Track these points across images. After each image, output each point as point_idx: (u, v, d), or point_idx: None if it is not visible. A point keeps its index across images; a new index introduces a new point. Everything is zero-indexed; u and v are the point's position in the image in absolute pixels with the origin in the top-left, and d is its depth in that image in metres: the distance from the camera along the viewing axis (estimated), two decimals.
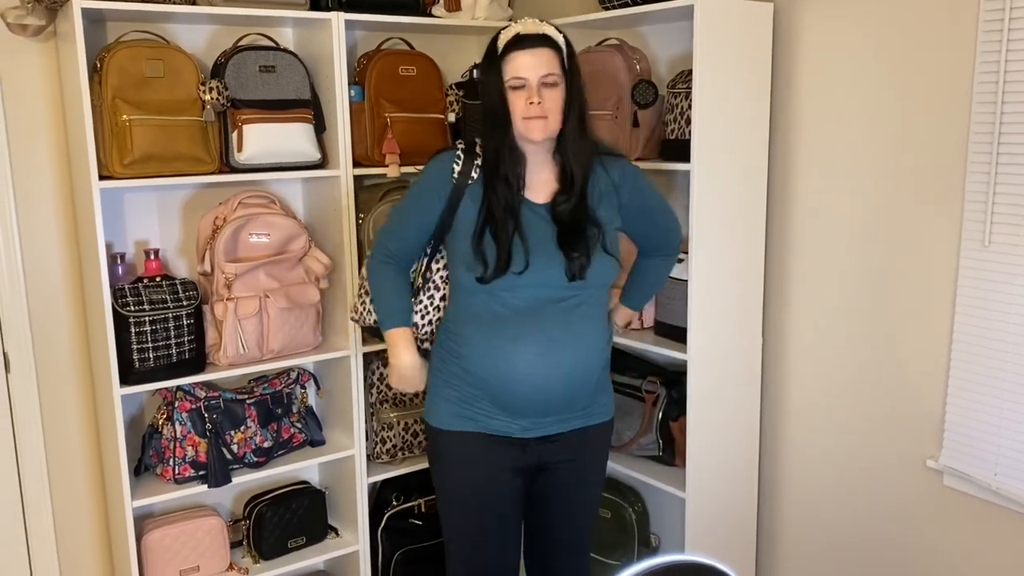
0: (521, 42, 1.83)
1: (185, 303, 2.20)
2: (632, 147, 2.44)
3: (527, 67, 1.82)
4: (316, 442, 2.53)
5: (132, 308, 2.13)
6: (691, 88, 2.25)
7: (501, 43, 1.85)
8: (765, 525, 2.57)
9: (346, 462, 2.52)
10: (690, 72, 2.28)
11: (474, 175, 1.89)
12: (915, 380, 2.15)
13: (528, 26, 1.85)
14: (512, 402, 1.89)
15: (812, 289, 2.36)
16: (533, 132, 1.84)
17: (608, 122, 2.44)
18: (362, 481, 2.52)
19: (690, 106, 2.26)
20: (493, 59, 1.85)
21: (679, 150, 2.31)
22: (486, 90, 1.87)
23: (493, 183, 1.87)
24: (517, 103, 1.83)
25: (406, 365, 2.01)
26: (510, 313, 1.86)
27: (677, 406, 2.48)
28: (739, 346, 2.40)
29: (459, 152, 1.91)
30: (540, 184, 1.92)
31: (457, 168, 1.90)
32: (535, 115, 1.83)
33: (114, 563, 2.49)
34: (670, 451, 2.52)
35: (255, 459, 2.38)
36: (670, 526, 2.73)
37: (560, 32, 1.88)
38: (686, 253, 2.33)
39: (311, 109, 2.34)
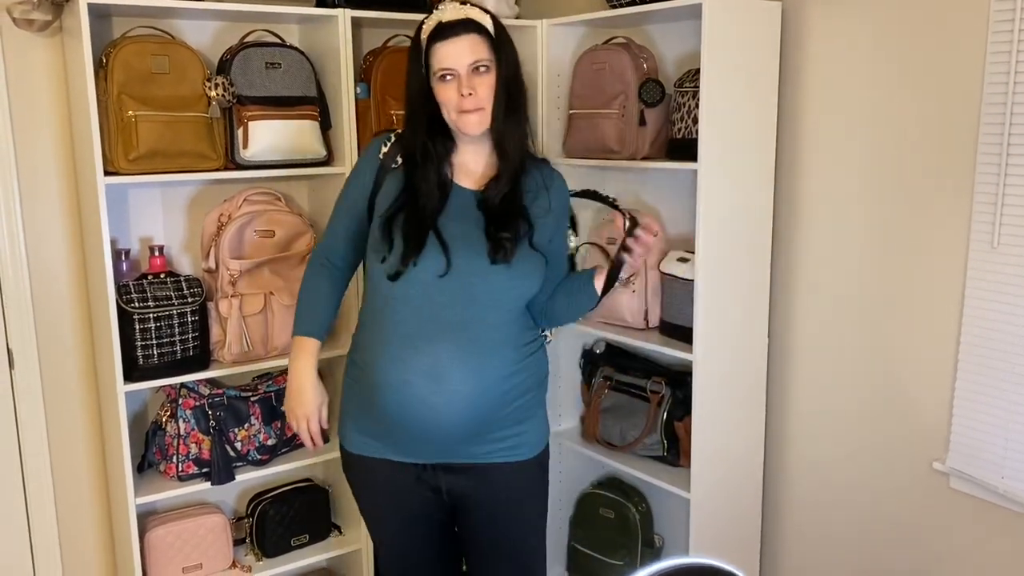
0: (444, 31, 1.71)
1: (189, 300, 2.19)
2: (639, 146, 2.43)
3: (453, 57, 1.70)
4: None
5: (136, 305, 2.12)
6: (699, 87, 2.24)
7: (424, 34, 1.74)
8: (769, 526, 2.56)
9: None
10: (698, 71, 2.27)
11: (399, 159, 1.79)
12: (922, 381, 2.14)
13: (449, 12, 1.73)
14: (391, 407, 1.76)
15: (818, 289, 2.35)
16: (470, 127, 1.73)
17: (614, 121, 2.43)
18: None
19: (697, 105, 2.25)
20: (418, 51, 1.75)
21: (686, 149, 2.30)
22: (411, 82, 1.77)
23: (418, 169, 1.76)
24: (449, 95, 1.71)
25: (294, 382, 1.81)
26: (413, 318, 1.71)
27: (682, 406, 2.47)
28: (745, 346, 2.39)
29: (391, 134, 1.84)
30: (469, 168, 1.82)
31: (385, 148, 1.81)
32: (470, 108, 1.71)
33: (117, 560, 2.49)
34: (675, 451, 2.51)
35: (258, 456, 2.37)
36: (674, 527, 2.72)
37: (487, 13, 1.77)
38: (692, 253, 2.32)
39: (317, 106, 2.33)
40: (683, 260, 2.41)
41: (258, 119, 2.23)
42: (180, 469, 2.27)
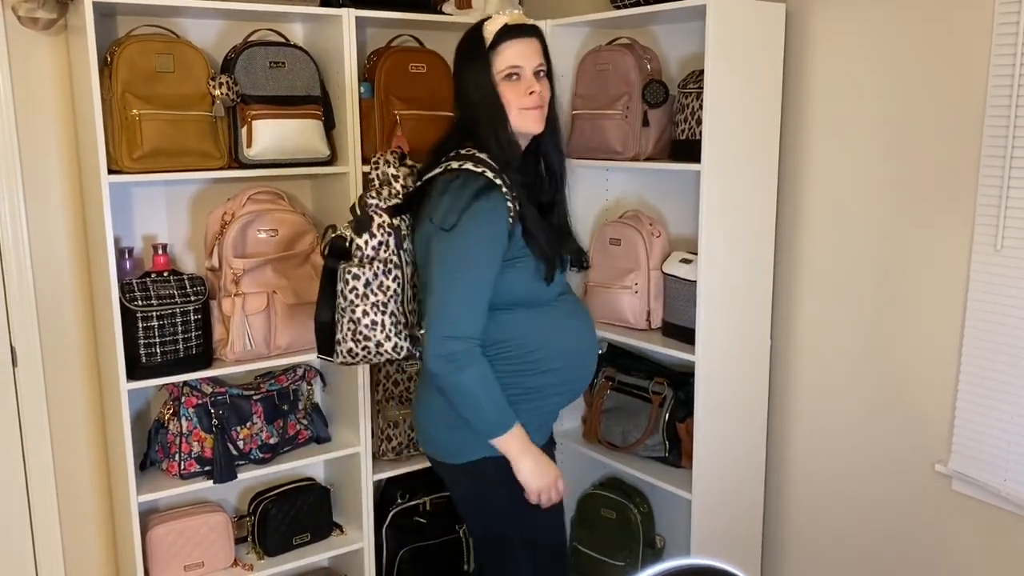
0: (512, 32, 1.77)
1: (192, 298, 2.19)
2: (642, 147, 2.44)
3: (522, 56, 1.77)
4: (322, 439, 2.52)
5: (139, 303, 2.12)
6: (702, 88, 2.24)
7: (489, 34, 1.77)
8: (771, 527, 2.56)
9: (351, 459, 2.52)
10: (702, 72, 2.27)
11: (510, 201, 1.75)
12: (925, 383, 2.14)
13: (515, 16, 1.80)
14: (587, 373, 1.94)
15: (821, 291, 2.35)
16: (532, 123, 1.80)
17: (618, 121, 2.43)
18: (367, 478, 2.51)
19: (701, 106, 2.25)
20: (480, 51, 1.78)
21: (689, 150, 2.31)
22: (477, 84, 1.78)
23: (516, 181, 1.78)
24: (511, 94, 1.77)
25: (541, 459, 1.82)
26: (559, 301, 1.88)
27: (684, 407, 2.47)
28: (747, 348, 2.39)
29: (499, 185, 1.73)
30: None
31: (510, 204, 1.74)
32: (534, 105, 1.78)
33: (119, 558, 2.49)
34: (676, 452, 2.51)
35: (261, 455, 2.37)
36: (676, 527, 2.72)
37: None
38: (694, 254, 2.32)
39: (321, 105, 2.33)
40: (685, 261, 2.41)
41: (262, 118, 2.23)
42: (182, 467, 2.27)
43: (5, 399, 2.31)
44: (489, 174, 1.73)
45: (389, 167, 1.92)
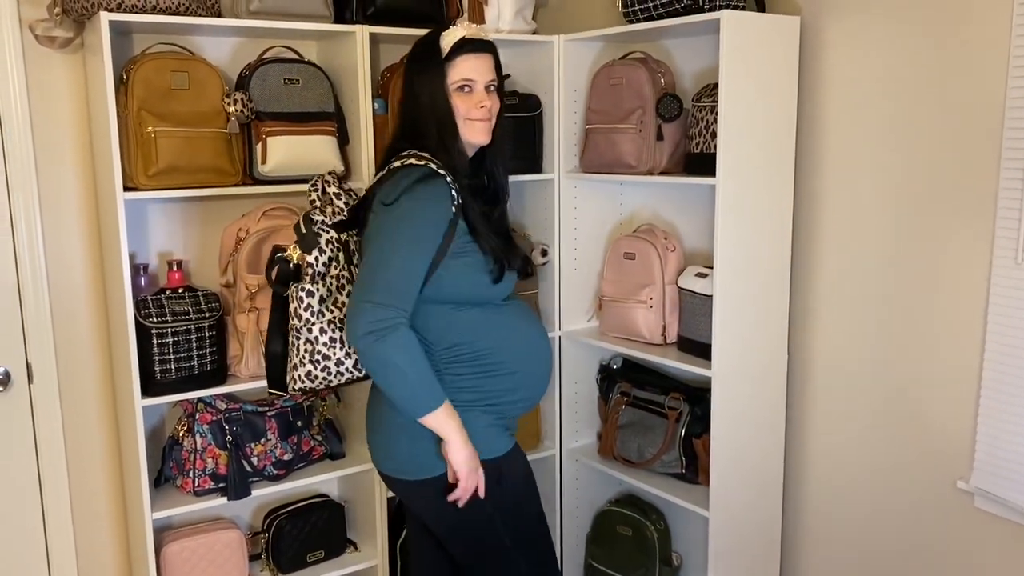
0: (468, 45, 1.83)
1: (207, 315, 2.20)
2: (656, 161, 2.43)
3: (476, 70, 1.83)
4: (336, 455, 2.51)
5: (154, 319, 2.13)
6: (717, 102, 2.23)
7: (446, 45, 1.82)
8: (790, 545, 2.53)
9: (366, 475, 2.51)
10: (716, 86, 2.26)
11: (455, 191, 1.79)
12: (945, 398, 2.11)
13: (472, 30, 1.88)
14: (542, 379, 1.95)
15: (839, 305, 2.33)
16: (480, 134, 1.86)
17: (632, 135, 2.43)
18: (381, 495, 2.50)
19: (715, 120, 2.24)
20: (436, 60, 1.82)
21: (704, 164, 2.29)
22: (431, 92, 1.82)
23: (464, 184, 1.83)
24: (462, 105, 1.83)
25: (469, 443, 1.79)
26: (509, 303, 1.93)
27: (700, 423, 2.45)
28: (764, 363, 2.37)
29: (442, 174, 1.77)
30: None
31: (454, 193, 1.77)
32: (482, 117, 1.84)
33: (133, 574, 2.49)
34: (693, 468, 2.49)
35: (275, 472, 2.37)
36: (693, 544, 2.69)
37: None
38: (710, 268, 2.31)
39: (335, 122, 2.34)
40: (701, 275, 2.39)
41: (276, 135, 2.24)
42: (196, 484, 2.27)
43: (21, 415, 2.32)
44: (432, 165, 1.79)
45: (330, 186, 1.95)
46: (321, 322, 1.85)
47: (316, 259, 1.86)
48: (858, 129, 2.23)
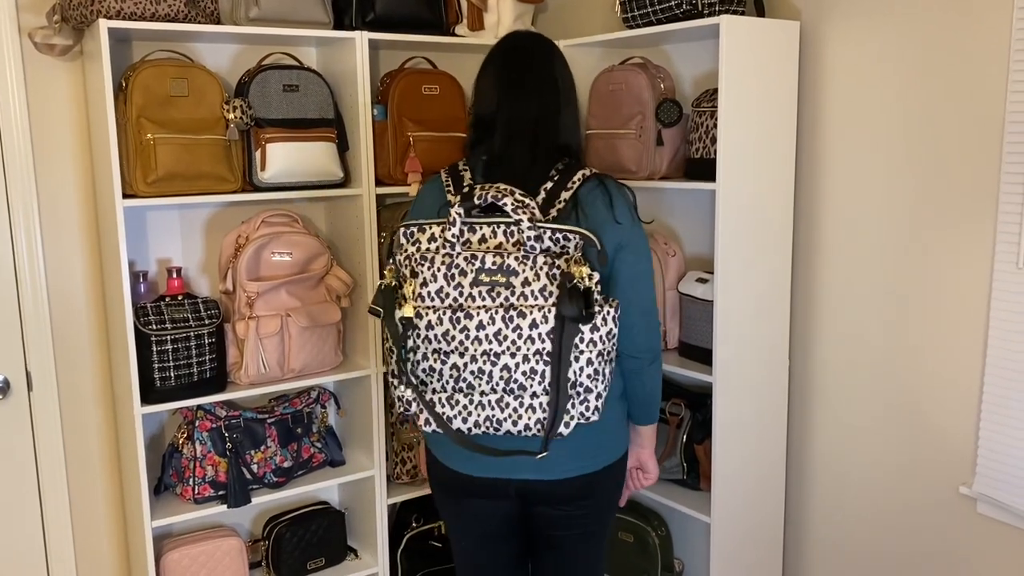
0: None
1: (207, 322, 2.19)
2: (656, 166, 2.42)
3: None
4: (336, 462, 2.51)
5: (154, 327, 2.12)
6: (716, 107, 2.23)
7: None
8: (792, 551, 2.52)
9: (366, 483, 2.50)
10: (715, 91, 2.26)
11: None
12: (947, 404, 2.11)
13: None
14: None
15: (840, 310, 2.32)
16: None
17: (632, 141, 2.42)
18: (382, 502, 2.49)
19: (715, 125, 2.24)
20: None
21: (704, 169, 2.29)
22: (576, 98, 1.85)
23: None
24: None
25: None
26: None
27: (702, 429, 2.44)
28: (765, 368, 2.36)
29: None
30: None
31: None
32: None
33: None
34: (695, 474, 2.48)
35: (275, 479, 2.36)
36: (695, 551, 2.68)
37: None
38: (711, 273, 2.30)
39: (334, 128, 2.34)
40: (701, 280, 2.39)
41: (276, 141, 2.23)
42: (196, 492, 2.26)
43: (20, 424, 2.31)
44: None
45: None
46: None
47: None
48: (859, 133, 2.23)
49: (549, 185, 1.71)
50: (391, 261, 1.70)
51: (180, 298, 2.20)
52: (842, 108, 2.26)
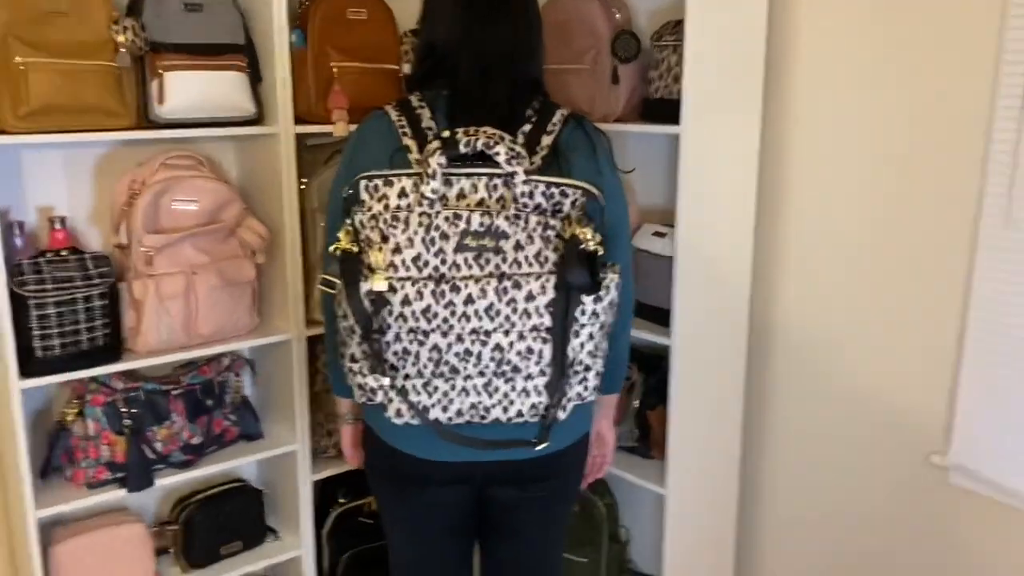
0: None
1: (97, 281, 1.88)
2: (611, 106, 2.19)
3: None
4: (252, 436, 2.24)
5: (32, 287, 1.81)
6: (680, 40, 2.01)
7: None
8: (747, 524, 2.39)
9: (287, 458, 2.25)
10: (678, 23, 2.04)
11: None
12: (920, 369, 1.97)
13: None
14: None
15: (806, 269, 2.16)
16: None
17: (584, 77, 2.18)
18: (306, 478, 2.25)
19: (679, 61, 2.02)
20: None
21: (664, 110, 2.08)
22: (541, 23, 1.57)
23: None
24: None
25: None
26: None
27: (655, 394, 2.27)
28: (725, 330, 2.19)
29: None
30: None
31: None
32: None
33: None
34: (645, 442, 2.32)
35: (183, 457, 2.09)
36: (640, 519, 2.53)
37: None
38: (669, 227, 2.10)
39: (245, 56, 2.03)
40: (659, 235, 2.18)
41: (176, 69, 1.92)
42: (90, 475, 1.97)
43: None
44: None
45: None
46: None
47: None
48: (832, 71, 2.03)
49: (527, 128, 1.45)
50: (345, 221, 1.41)
51: (65, 253, 1.88)
52: (815, 42, 2.06)
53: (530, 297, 1.33)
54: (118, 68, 1.86)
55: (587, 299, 1.33)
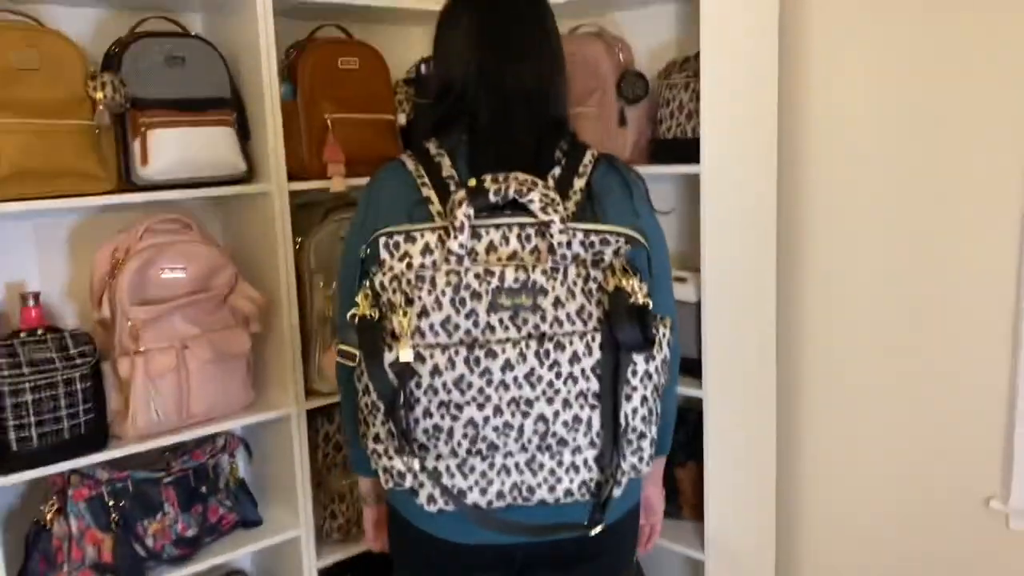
0: None
1: (78, 361, 1.70)
2: (619, 149, 2.09)
3: None
4: (251, 522, 2.04)
5: (5, 372, 1.61)
6: (690, 78, 1.93)
7: None
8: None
9: (290, 545, 2.04)
10: (686, 60, 1.97)
11: None
12: (972, 406, 1.86)
13: None
14: None
15: (833, 304, 2.05)
16: None
17: (590, 121, 2.08)
18: (311, 566, 2.05)
19: (692, 99, 1.94)
20: None
21: (678, 151, 1.98)
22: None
23: None
24: None
25: None
26: None
27: (683, 450, 2.12)
28: (754, 377, 2.07)
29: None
30: None
31: None
32: None
33: None
34: (675, 502, 2.17)
35: (176, 552, 1.88)
36: None
37: None
38: (687, 271, 1.99)
39: (233, 110, 1.89)
40: (679, 280, 2.06)
41: (160, 127, 1.77)
42: None
43: None
44: None
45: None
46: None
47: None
48: (849, 79, 1.96)
49: (557, 172, 1.33)
50: (363, 284, 1.26)
51: (41, 333, 1.70)
52: (828, 64, 1.99)
53: (575, 359, 1.18)
54: (96, 127, 1.71)
55: (638, 358, 1.20)
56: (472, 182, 1.22)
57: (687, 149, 1.93)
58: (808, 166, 2.05)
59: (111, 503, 1.80)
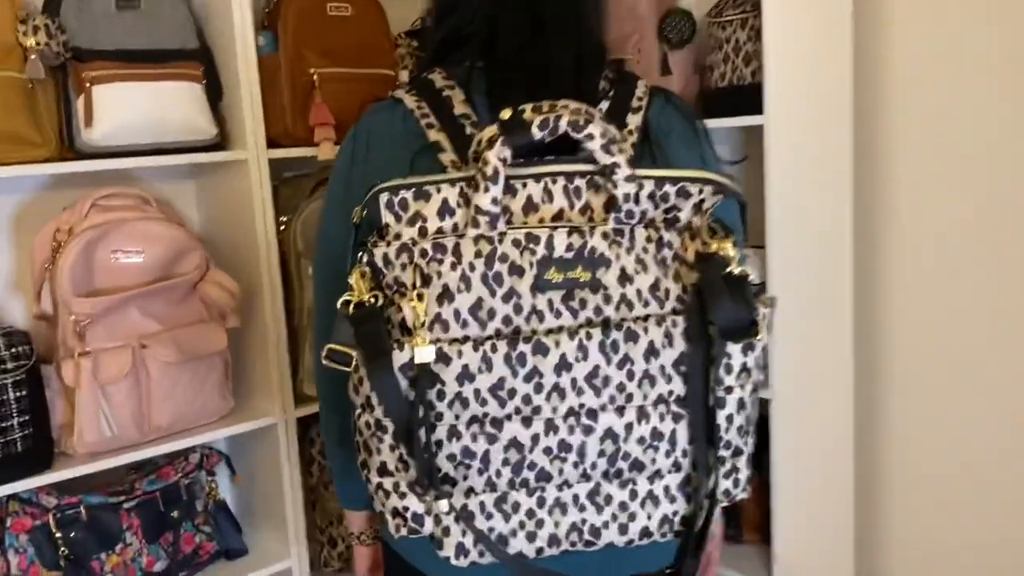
0: None
1: (11, 366, 1.41)
2: None
3: None
4: (234, 552, 1.74)
5: None
6: (746, 15, 1.61)
7: None
8: None
9: None
10: None
11: None
12: None
13: None
14: None
15: (919, 287, 1.71)
16: None
17: (630, 67, 1.75)
18: None
19: (749, 38, 1.62)
20: None
21: (734, 101, 1.66)
22: None
23: None
24: None
25: None
26: None
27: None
28: (827, 372, 1.72)
29: None
30: None
31: None
32: None
33: None
34: (735, 524, 1.85)
35: None
36: None
37: None
38: (761, 247, 1.65)
39: (201, 63, 1.59)
40: None
41: (108, 81, 1.48)
42: None
43: None
44: None
45: None
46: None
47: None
48: (939, 40, 1.62)
49: (605, 105, 1.00)
50: (358, 259, 0.93)
51: None
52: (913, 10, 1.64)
53: (652, 352, 0.85)
54: (29, 81, 1.42)
55: (734, 349, 0.87)
56: (506, 113, 0.89)
57: (747, 97, 1.61)
58: (890, 116, 1.71)
59: (59, 534, 1.51)
